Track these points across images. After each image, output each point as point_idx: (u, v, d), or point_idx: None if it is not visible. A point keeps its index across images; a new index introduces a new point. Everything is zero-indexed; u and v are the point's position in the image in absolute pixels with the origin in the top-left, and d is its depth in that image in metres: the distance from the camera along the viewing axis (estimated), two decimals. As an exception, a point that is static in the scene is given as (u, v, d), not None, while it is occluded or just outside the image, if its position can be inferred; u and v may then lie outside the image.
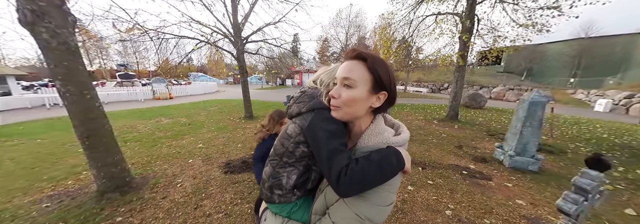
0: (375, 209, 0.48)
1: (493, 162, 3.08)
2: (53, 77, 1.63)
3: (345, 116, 0.54)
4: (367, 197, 0.48)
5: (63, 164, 3.09)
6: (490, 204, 2.05)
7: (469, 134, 4.70)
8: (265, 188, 0.64)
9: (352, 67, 0.51)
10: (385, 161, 0.47)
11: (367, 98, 0.52)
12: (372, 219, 0.48)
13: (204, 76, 30.92)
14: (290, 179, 0.60)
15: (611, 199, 2.19)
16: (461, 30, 5.20)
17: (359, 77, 0.50)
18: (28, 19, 1.42)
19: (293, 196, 0.61)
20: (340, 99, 0.52)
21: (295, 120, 0.60)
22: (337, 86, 0.54)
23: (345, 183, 0.45)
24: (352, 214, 0.48)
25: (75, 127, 1.81)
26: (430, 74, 22.11)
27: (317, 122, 0.54)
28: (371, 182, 0.46)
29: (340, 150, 0.49)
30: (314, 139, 0.53)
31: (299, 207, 0.63)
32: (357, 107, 0.52)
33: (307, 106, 0.59)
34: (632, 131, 5.60)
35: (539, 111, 2.75)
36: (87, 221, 1.73)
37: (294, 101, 0.65)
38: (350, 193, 0.47)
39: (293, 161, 0.59)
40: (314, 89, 0.65)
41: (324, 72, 0.68)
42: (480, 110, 8.72)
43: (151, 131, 4.98)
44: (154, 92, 12.31)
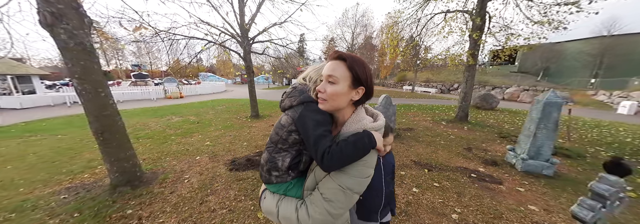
0: (354, 180, 0.60)
1: (504, 166, 2.95)
2: (70, 76, 1.72)
3: (330, 107, 0.64)
4: (347, 171, 0.60)
5: (80, 158, 3.27)
6: (500, 209, 1.96)
7: (479, 136, 4.55)
8: (264, 171, 0.73)
9: (335, 66, 0.61)
10: (359, 142, 0.58)
11: (348, 92, 0.62)
12: (351, 189, 0.59)
13: (213, 75, 31.67)
14: (284, 162, 0.69)
15: (634, 208, 2.06)
16: (471, 29, 5.02)
17: (340, 75, 0.60)
18: (48, 21, 1.51)
19: (288, 176, 0.70)
20: (325, 93, 0.61)
21: (287, 112, 0.70)
22: (322, 82, 0.63)
23: (328, 160, 0.56)
24: (336, 185, 0.59)
25: (91, 123, 1.91)
26: (439, 74, 21.55)
27: (306, 114, 0.64)
28: (348, 158, 0.58)
29: (324, 135, 0.59)
30: (303, 128, 0.63)
31: (294, 186, 0.72)
32: (340, 100, 0.63)
33: (298, 99, 0.68)
34: (659, 134, 5.22)
35: (554, 112, 2.61)
36: (100, 213, 1.82)
37: (286, 96, 0.74)
38: (332, 168, 0.59)
39: (286, 147, 0.69)
40: (303, 85, 0.73)
41: (312, 70, 0.76)
42: (491, 111, 8.41)
43: (162, 128, 5.16)
44: (166, 91, 12.75)
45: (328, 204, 0.59)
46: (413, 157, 3.22)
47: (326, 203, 0.59)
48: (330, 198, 0.59)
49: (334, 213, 0.59)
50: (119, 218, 1.75)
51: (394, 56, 6.73)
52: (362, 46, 21.06)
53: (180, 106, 9.02)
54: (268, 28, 5.41)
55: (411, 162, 3.02)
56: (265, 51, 6.10)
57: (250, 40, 5.49)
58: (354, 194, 0.60)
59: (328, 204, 0.59)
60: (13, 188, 2.35)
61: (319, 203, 0.60)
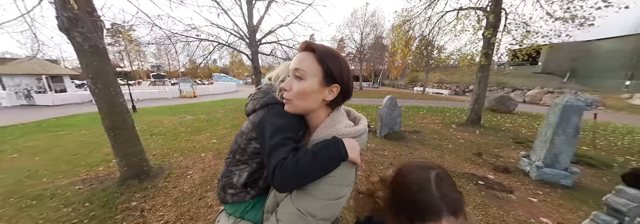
0: (317, 203, 0.45)
1: (517, 174, 2.75)
2: (85, 76, 1.86)
3: (298, 108, 0.53)
4: (309, 190, 0.46)
5: (99, 152, 3.51)
6: (508, 220, 1.83)
7: (491, 141, 4.29)
8: (219, 188, 0.63)
9: (302, 58, 0.50)
10: (321, 152, 0.45)
11: (319, 90, 0.50)
12: (314, 215, 0.45)
13: (225, 76, 32.78)
14: (241, 177, 0.59)
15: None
16: (485, 27, 4.75)
17: (308, 68, 0.49)
18: (65, 25, 1.65)
19: (247, 195, 0.60)
20: (291, 91, 0.51)
21: (250, 117, 0.60)
22: (289, 79, 0.52)
23: (278, 176, 0.44)
24: (294, 209, 0.46)
25: (103, 120, 2.05)
26: (452, 75, 20.65)
27: (267, 118, 0.54)
28: (305, 174, 0.44)
29: (281, 144, 0.48)
30: (260, 135, 0.52)
31: (253, 207, 0.62)
32: (309, 99, 0.51)
33: (261, 102, 0.59)
34: None
35: (574, 117, 2.39)
36: (107, 204, 1.95)
37: (250, 99, 0.64)
38: (286, 187, 0.47)
39: (245, 159, 0.59)
40: (268, 86, 0.64)
41: (281, 68, 0.66)
42: (508, 115, 7.91)
43: (174, 126, 5.42)
44: (181, 91, 13.39)
45: None
46: (416, 161, 3.10)
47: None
48: (287, 221, 0.46)
49: None
50: (124, 209, 1.87)
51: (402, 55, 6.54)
52: (372, 46, 20.72)
53: (193, 105, 9.43)
54: (275, 29, 5.51)
55: (414, 166, 2.91)
56: (272, 52, 6.21)
57: (258, 41, 5.61)
58: (318, 221, 0.45)
59: None
60: (38, 177, 2.58)
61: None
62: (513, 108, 8.41)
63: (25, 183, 2.45)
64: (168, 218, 1.76)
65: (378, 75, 29.33)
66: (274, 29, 5.52)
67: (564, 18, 4.17)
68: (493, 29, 4.66)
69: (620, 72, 16.48)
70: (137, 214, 1.81)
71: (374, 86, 26.87)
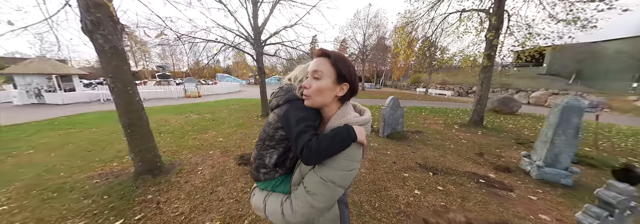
0: (336, 173, 0.59)
1: (518, 173, 2.80)
2: (105, 75, 1.98)
3: (316, 103, 0.65)
4: (329, 164, 0.59)
5: (111, 149, 3.64)
6: (507, 216, 1.89)
7: (493, 142, 4.33)
8: (253, 169, 0.76)
9: (319, 62, 0.63)
10: (337, 135, 0.58)
11: (332, 88, 0.63)
12: (334, 181, 0.59)
13: (228, 76, 33.08)
14: (271, 159, 0.71)
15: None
16: (487, 29, 4.79)
17: (324, 70, 0.62)
18: (88, 28, 1.76)
19: (276, 173, 0.72)
20: (311, 89, 0.63)
21: (275, 110, 0.74)
22: (308, 79, 0.65)
23: (306, 153, 0.57)
24: (318, 178, 0.59)
25: (120, 117, 2.16)
26: (456, 76, 20.56)
27: (290, 111, 0.66)
28: (327, 151, 0.58)
29: (305, 131, 0.60)
30: (287, 124, 0.65)
31: (281, 182, 0.74)
32: (324, 95, 0.63)
33: (284, 98, 0.72)
34: None
35: (574, 117, 2.44)
36: (124, 196, 2.05)
37: (273, 96, 0.77)
38: (312, 161, 0.59)
39: (273, 144, 0.71)
40: (289, 85, 0.76)
41: (298, 69, 0.79)
42: (512, 116, 7.91)
43: (181, 125, 5.55)
44: (185, 90, 13.59)
45: (311, 198, 0.59)
46: (418, 160, 3.17)
47: (309, 196, 0.59)
48: (313, 191, 0.59)
49: (317, 207, 0.59)
50: (141, 202, 1.97)
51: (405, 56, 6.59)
52: (375, 47, 20.74)
53: (198, 105, 9.59)
54: (279, 31, 5.61)
55: (416, 165, 2.99)
56: (276, 53, 6.32)
57: (263, 42, 5.73)
58: (337, 188, 0.59)
59: (311, 197, 0.59)
60: (56, 172, 2.71)
61: (302, 197, 0.61)
62: (516, 109, 8.40)
63: (44, 176, 2.58)
64: (183, 209, 1.86)
65: (380, 76, 29.30)
66: (279, 31, 5.63)
67: (566, 20, 4.20)
68: (495, 30, 4.70)
69: (627, 74, 16.24)
70: (154, 206, 1.91)
71: (376, 87, 26.85)
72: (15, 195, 2.15)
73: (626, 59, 16.31)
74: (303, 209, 0.60)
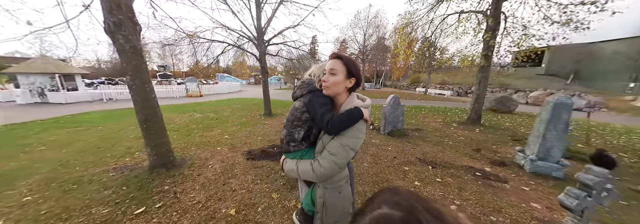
0: (350, 140, 0.85)
1: (512, 167, 2.95)
2: (124, 73, 2.10)
3: (332, 92, 0.90)
4: (345, 134, 0.86)
5: (120, 145, 3.76)
6: (501, 204, 2.04)
7: (490, 138, 4.48)
8: (284, 143, 0.97)
9: (335, 63, 0.87)
10: (351, 114, 0.84)
11: (344, 81, 0.87)
12: (349, 145, 0.85)
13: (229, 76, 33.15)
14: (299, 135, 0.94)
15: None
16: (485, 30, 4.94)
17: (338, 69, 0.86)
18: (111, 28, 1.88)
19: (302, 145, 0.95)
20: (328, 82, 0.87)
21: (300, 99, 0.97)
22: (326, 75, 0.88)
23: (331, 126, 0.84)
24: (338, 144, 0.85)
25: (137, 113, 2.28)
26: (455, 76, 20.72)
27: (314, 99, 0.91)
28: (345, 123, 0.84)
29: (326, 112, 0.87)
30: (312, 108, 0.89)
31: (307, 152, 0.97)
32: (338, 87, 0.88)
33: (307, 89, 0.96)
34: (702, 143, 4.76)
35: (564, 113, 2.59)
36: (142, 187, 2.18)
37: (297, 88, 1.01)
38: (334, 131, 0.86)
39: (300, 124, 0.94)
40: (309, 79, 1.00)
41: (316, 68, 1.03)
42: (509, 114, 8.07)
43: (186, 123, 5.67)
44: (187, 90, 13.69)
45: (334, 157, 0.83)
46: (418, 155, 3.31)
47: (332, 156, 0.84)
48: (335, 152, 0.84)
49: (338, 163, 0.84)
50: (159, 192, 2.09)
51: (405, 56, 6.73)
52: (374, 47, 20.89)
53: (200, 104, 9.70)
54: (283, 31, 5.73)
55: (416, 160, 3.13)
56: (278, 53, 6.44)
57: (266, 42, 5.85)
58: (350, 150, 0.84)
59: (334, 157, 0.83)
60: (71, 166, 2.82)
61: (327, 157, 0.85)
62: (513, 108, 8.55)
63: (60, 171, 2.69)
64: (199, 199, 1.99)
65: (380, 76, 29.45)
66: (282, 31, 5.75)
67: (560, 22, 4.36)
68: (492, 31, 4.84)
69: (624, 74, 16.46)
70: (171, 195, 2.03)
71: (376, 87, 27.00)
72: (36, 187, 2.26)
73: (623, 59, 16.54)
74: (328, 164, 0.84)
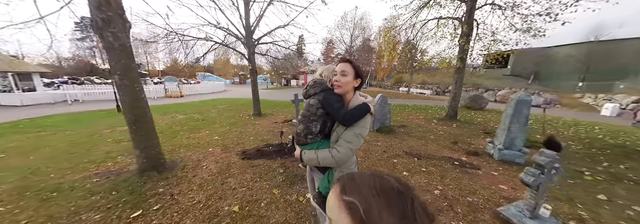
0: (362, 129, 1.02)
1: (484, 156, 3.35)
2: (112, 72, 2.00)
3: (343, 91, 1.05)
4: (357, 124, 1.01)
5: (98, 150, 3.50)
6: (475, 187, 2.34)
7: (465, 132, 4.95)
8: (302, 137, 1.09)
9: (345, 65, 1.03)
10: (361, 108, 1.01)
11: (352, 81, 1.04)
12: (361, 134, 1.01)
13: (210, 75, 31.73)
14: (316, 128, 1.08)
15: (589, 188, 2.44)
16: (459, 35, 5.45)
17: (348, 70, 1.02)
18: (99, 25, 1.79)
19: (318, 137, 1.09)
20: (340, 81, 1.02)
21: (314, 97, 1.11)
22: (338, 75, 1.04)
23: (346, 119, 0.99)
24: (352, 133, 1.01)
25: (125, 114, 2.18)
26: (434, 77, 22.13)
27: (328, 96, 1.05)
28: (358, 116, 1.00)
29: (341, 107, 1.02)
30: (328, 104, 1.03)
31: (322, 143, 1.10)
32: (348, 86, 1.04)
33: (320, 88, 1.11)
34: (630, 132, 5.73)
35: (524, 109, 3.02)
36: (134, 191, 2.09)
37: (310, 87, 1.15)
38: (348, 124, 1.01)
39: (316, 118, 1.08)
40: (321, 79, 1.15)
41: (324, 69, 1.16)
42: (480, 111, 8.89)
43: (169, 125, 5.40)
44: (166, 90, 12.89)
45: (349, 144, 1.00)
46: (405, 149, 3.59)
47: (348, 143, 1.00)
48: (350, 140, 1.00)
49: (352, 148, 1.00)
50: (153, 195, 2.03)
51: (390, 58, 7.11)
52: (361, 48, 21.48)
53: (182, 105, 9.22)
54: (272, 30, 5.71)
55: (403, 153, 3.39)
56: (267, 52, 6.39)
57: (255, 41, 5.78)
58: (361, 138, 1.02)
59: (349, 144, 1.00)
60: (43, 174, 2.59)
61: (344, 145, 1.00)
62: (484, 105, 9.43)
63: (32, 179, 2.46)
64: (199, 198, 1.97)
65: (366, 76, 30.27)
66: (272, 30, 5.73)
67: (522, 29, 4.99)
68: (467, 37, 5.37)
69: (575, 75, 18.96)
70: (168, 198, 1.99)
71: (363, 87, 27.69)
72: (7, 197, 2.06)
73: (574, 62, 19.05)
74: (345, 150, 0.99)
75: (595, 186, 2.48)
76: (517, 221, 1.63)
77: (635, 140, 4.82)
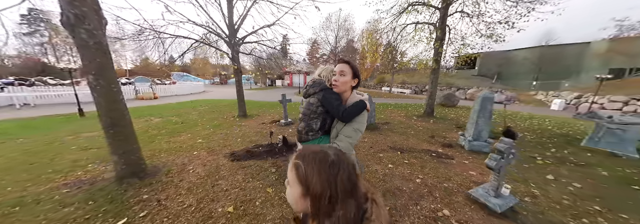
0: (360, 125, 1.11)
1: (457, 147, 3.75)
2: (86, 72, 1.84)
3: (341, 90, 1.15)
4: (356, 120, 1.11)
5: (62, 159, 3.16)
6: (450, 174, 2.64)
7: (441, 127, 5.43)
8: (303, 133, 1.16)
9: (344, 66, 1.13)
10: (358, 105, 1.11)
11: (350, 81, 1.14)
12: (359, 129, 1.10)
13: (187, 75, 29.85)
14: (316, 125, 1.18)
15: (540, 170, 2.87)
16: (435, 39, 5.96)
17: (347, 71, 1.12)
18: (71, 21, 1.64)
19: (318, 134, 1.19)
20: (339, 81, 1.12)
21: (313, 96, 1.19)
22: (337, 75, 1.13)
23: (345, 116, 1.09)
24: (351, 128, 1.10)
25: (101, 117, 2.02)
26: (413, 77, 23.53)
27: (328, 95, 1.15)
28: (355, 113, 1.09)
29: (340, 104, 1.12)
30: (328, 102, 1.13)
31: (322, 140, 1.20)
32: (346, 85, 1.14)
33: (319, 87, 1.20)
34: (572, 123, 6.72)
35: (488, 105, 3.45)
36: (114, 199, 1.95)
37: (309, 87, 1.23)
38: (348, 119, 1.10)
39: (316, 116, 1.17)
40: (319, 79, 1.25)
41: (323, 70, 1.25)
42: (453, 108, 9.71)
43: (144, 129, 5.03)
44: (137, 91, 11.88)
45: (349, 139, 1.08)
46: (389, 144, 3.84)
47: (348, 138, 1.08)
48: (349, 135, 1.08)
49: (352, 143, 1.09)
50: (137, 202, 1.92)
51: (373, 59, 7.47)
52: (345, 49, 21.96)
53: (156, 107, 8.60)
54: (257, 30, 5.62)
55: (388, 148, 3.64)
56: (252, 52, 6.27)
57: (240, 40, 5.64)
58: (360, 133, 1.10)
59: (349, 138, 1.08)
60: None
61: (344, 139, 1.09)
62: (456, 103, 10.31)
63: (-17, 194, 2.16)
64: (189, 202, 1.91)
65: None
66: (257, 30, 5.64)
67: (486, 35, 5.64)
68: (440, 41, 5.92)
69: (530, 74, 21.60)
70: (155, 204, 1.89)
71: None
72: (-47, 216, 1.79)
73: (529, 64, 21.69)
74: (345, 145, 1.07)
75: (545, 168, 2.93)
76: (484, 200, 1.89)
77: (576, 130, 5.69)
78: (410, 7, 6.08)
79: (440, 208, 1.91)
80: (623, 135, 3.63)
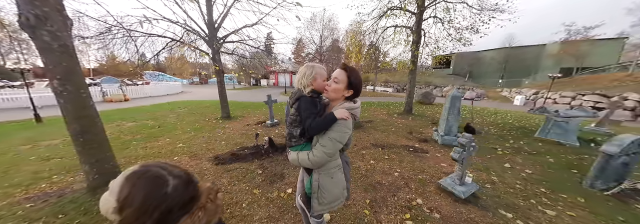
0: (336, 134, 1.01)
1: (431, 142, 4.11)
2: (50, 77, 1.71)
3: (331, 96, 1.09)
4: (333, 129, 1.02)
5: (20, 171, 2.87)
6: (424, 167, 2.92)
7: (418, 124, 5.85)
8: (288, 140, 1.18)
9: (340, 73, 1.05)
10: (327, 118, 1.02)
11: (342, 90, 1.05)
12: (335, 138, 1.01)
13: (162, 75, 27.88)
14: (297, 132, 1.13)
15: (499, 159, 3.26)
16: (412, 42, 6.39)
17: (341, 78, 1.04)
18: (31, 23, 1.51)
19: (300, 140, 1.15)
20: (330, 88, 1.05)
21: (294, 105, 1.14)
22: (330, 81, 1.07)
23: (311, 128, 1.03)
24: (327, 138, 1.02)
25: (69, 124, 1.89)
26: (394, 76, 24.59)
27: (301, 104, 1.08)
28: (319, 127, 1.02)
29: (309, 116, 1.04)
30: (301, 112, 1.08)
31: (305, 146, 1.15)
32: (337, 93, 1.06)
33: (296, 96, 1.12)
34: (529, 117, 7.61)
35: (457, 103, 3.83)
36: (89, 211, 1.85)
37: (291, 96, 1.16)
38: (313, 133, 1.04)
39: (297, 124, 1.13)
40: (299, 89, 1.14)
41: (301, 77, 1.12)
42: (430, 105, 10.40)
43: (115, 134, 4.69)
44: (104, 93, 10.86)
45: (324, 148, 1.02)
46: (372, 141, 4.07)
47: (322, 147, 1.02)
48: (324, 144, 1.02)
49: (327, 152, 1.01)
50: (116, 212, 1.83)
51: (357, 59, 7.74)
52: (330, 49, 22.16)
53: (128, 110, 7.98)
54: (240, 29, 5.49)
55: (370, 145, 3.86)
56: (234, 51, 6.11)
57: (221, 40, 5.46)
58: (337, 142, 1.01)
59: (323, 148, 1.02)
60: (-60, 207, 2.02)
61: (319, 148, 1.03)
62: (433, 100, 11.05)
63: None
64: (173, 208, 1.87)
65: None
66: (240, 29, 5.49)
67: (455, 39, 6.23)
68: (416, 44, 6.41)
69: (496, 73, 23.79)
70: (135, 212, 1.83)
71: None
72: None
73: (496, 63, 23.85)
74: (319, 154, 1.03)
75: (503, 158, 3.35)
76: (451, 188, 2.14)
77: (532, 123, 6.48)
78: (389, 11, 6.45)
79: (415, 197, 2.12)
80: (567, 126, 4.24)
